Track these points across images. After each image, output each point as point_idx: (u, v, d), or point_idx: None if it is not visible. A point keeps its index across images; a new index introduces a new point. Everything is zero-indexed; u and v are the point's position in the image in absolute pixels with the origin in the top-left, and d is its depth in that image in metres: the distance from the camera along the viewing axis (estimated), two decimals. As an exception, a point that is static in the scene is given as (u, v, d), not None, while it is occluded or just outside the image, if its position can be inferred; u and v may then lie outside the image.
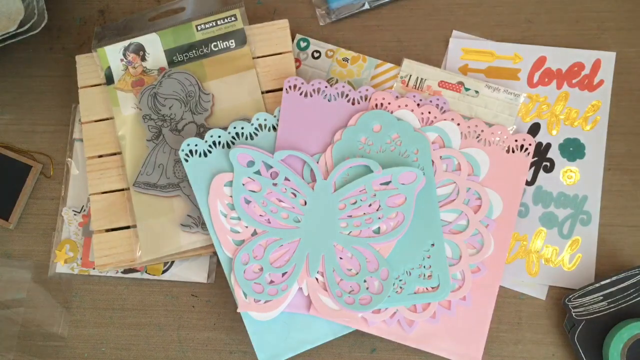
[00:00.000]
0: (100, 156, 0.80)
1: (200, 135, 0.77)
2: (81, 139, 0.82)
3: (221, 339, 0.80)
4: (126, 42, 0.80)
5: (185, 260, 0.80)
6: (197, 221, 0.76)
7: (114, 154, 0.79)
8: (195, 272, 0.80)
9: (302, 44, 0.82)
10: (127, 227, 0.78)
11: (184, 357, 0.80)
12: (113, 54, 0.80)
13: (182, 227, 0.76)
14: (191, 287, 0.81)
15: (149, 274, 0.80)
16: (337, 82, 0.80)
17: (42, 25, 0.79)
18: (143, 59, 0.80)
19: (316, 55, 0.82)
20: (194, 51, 0.80)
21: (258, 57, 0.80)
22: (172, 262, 0.80)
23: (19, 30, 0.79)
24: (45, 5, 0.79)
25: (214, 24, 0.80)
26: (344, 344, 0.78)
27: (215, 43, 0.80)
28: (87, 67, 0.81)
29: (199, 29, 0.79)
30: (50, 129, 0.85)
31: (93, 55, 0.80)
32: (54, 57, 0.86)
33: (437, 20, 0.82)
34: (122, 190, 0.79)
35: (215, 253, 0.77)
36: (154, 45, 0.80)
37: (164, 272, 0.80)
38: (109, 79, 0.80)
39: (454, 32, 0.81)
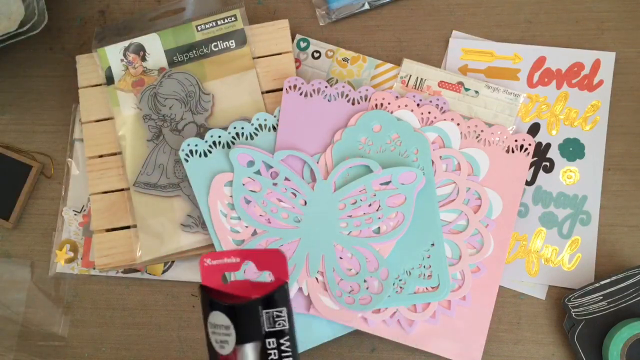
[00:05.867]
0: (101, 156, 0.80)
1: (201, 135, 0.77)
2: (81, 139, 0.82)
3: (221, 338, 0.80)
4: (126, 43, 0.80)
5: (185, 260, 0.80)
6: (197, 221, 0.77)
7: (114, 154, 0.80)
8: (195, 272, 0.80)
9: (302, 44, 0.82)
10: (128, 227, 0.78)
11: (184, 357, 0.80)
12: (113, 54, 0.80)
13: (182, 227, 0.77)
14: (191, 287, 0.81)
15: (149, 274, 0.80)
16: (337, 82, 0.80)
17: (43, 25, 0.79)
18: (143, 59, 0.80)
19: (316, 55, 0.82)
20: (194, 51, 0.80)
21: (258, 57, 0.80)
22: (172, 262, 0.80)
23: (19, 31, 0.79)
24: (45, 5, 0.79)
25: (214, 24, 0.80)
26: (344, 344, 0.78)
27: (215, 43, 0.80)
28: (87, 67, 0.81)
29: (199, 29, 0.79)
30: (50, 129, 0.85)
31: (93, 55, 0.80)
32: (54, 57, 0.86)
33: (437, 20, 0.82)
34: (123, 190, 0.79)
35: (215, 253, 0.77)
36: (154, 45, 0.80)
37: (164, 272, 0.80)
38: (109, 79, 0.80)
39: (454, 32, 0.81)
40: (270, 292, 0.56)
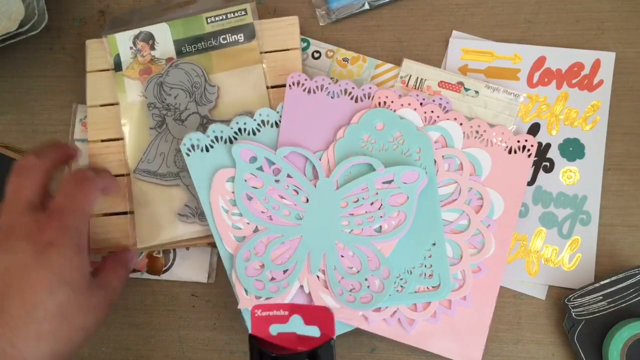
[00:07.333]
0: (103, 140, 0.80)
1: (203, 126, 0.77)
2: (82, 139, 0.82)
3: (221, 338, 0.80)
4: (136, 31, 0.80)
5: (185, 260, 0.80)
6: (194, 211, 0.76)
7: (117, 139, 0.79)
8: (195, 272, 0.80)
9: (302, 44, 0.82)
10: (125, 213, 0.78)
11: (184, 357, 0.80)
12: (123, 41, 0.80)
13: (179, 217, 0.76)
14: (191, 287, 0.81)
15: (149, 273, 0.80)
16: (337, 82, 0.80)
17: (43, 25, 0.79)
18: (152, 47, 0.80)
19: (316, 55, 0.82)
20: (202, 43, 0.80)
21: (265, 52, 0.80)
22: (173, 262, 0.80)
23: (19, 31, 0.79)
24: (45, 5, 0.79)
25: (224, 17, 0.80)
26: (344, 344, 0.78)
27: (224, 36, 0.80)
28: (96, 52, 0.81)
29: (209, 21, 0.80)
30: (50, 129, 0.85)
31: (103, 40, 0.80)
32: (54, 57, 0.86)
33: (437, 20, 0.82)
34: (123, 175, 0.79)
35: (211, 244, 0.77)
36: (164, 35, 0.80)
37: (164, 271, 0.80)
38: (117, 66, 0.80)
39: (454, 32, 0.82)
40: (316, 347, 0.60)
